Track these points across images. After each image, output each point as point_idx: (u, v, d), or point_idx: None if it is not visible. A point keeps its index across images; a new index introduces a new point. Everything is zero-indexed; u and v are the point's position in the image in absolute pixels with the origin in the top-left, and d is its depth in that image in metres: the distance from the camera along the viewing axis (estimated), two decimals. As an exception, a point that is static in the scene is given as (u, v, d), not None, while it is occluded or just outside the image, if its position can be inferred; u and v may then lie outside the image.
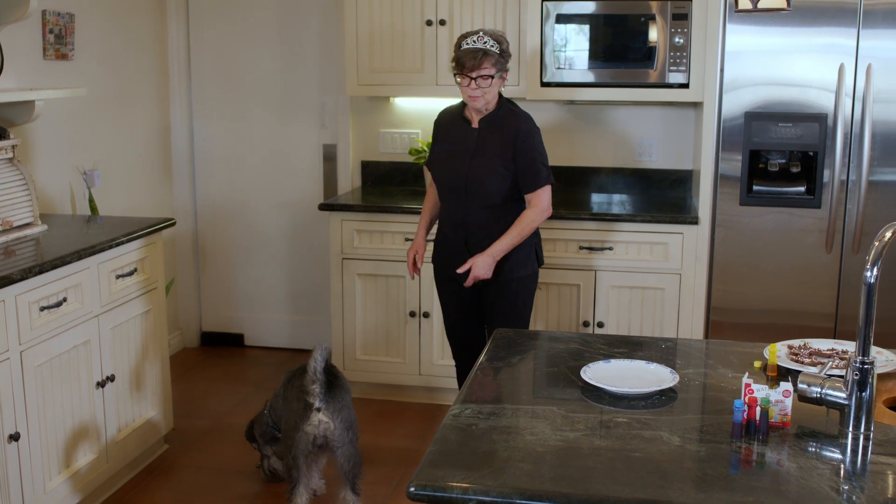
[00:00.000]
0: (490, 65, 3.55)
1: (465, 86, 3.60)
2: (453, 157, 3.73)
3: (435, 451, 1.85)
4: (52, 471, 3.38)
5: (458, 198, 3.71)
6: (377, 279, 4.69)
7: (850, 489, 1.71)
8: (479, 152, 3.67)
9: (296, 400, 3.50)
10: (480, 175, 3.65)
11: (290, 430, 3.49)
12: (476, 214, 3.70)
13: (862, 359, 1.92)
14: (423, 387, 4.77)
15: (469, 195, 3.68)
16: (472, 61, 3.54)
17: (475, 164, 3.66)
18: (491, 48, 3.56)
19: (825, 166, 4.14)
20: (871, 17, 4.01)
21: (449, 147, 3.78)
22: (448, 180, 3.74)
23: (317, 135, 5.41)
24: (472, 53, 3.55)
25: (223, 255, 5.65)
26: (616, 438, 1.91)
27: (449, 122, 3.83)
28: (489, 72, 3.56)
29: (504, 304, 3.76)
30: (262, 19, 5.35)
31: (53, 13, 4.23)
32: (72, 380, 3.47)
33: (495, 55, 3.57)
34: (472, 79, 3.57)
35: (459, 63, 3.59)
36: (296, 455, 3.45)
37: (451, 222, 3.78)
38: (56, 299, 3.34)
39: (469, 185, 3.67)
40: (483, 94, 3.59)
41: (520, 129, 3.67)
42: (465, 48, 3.58)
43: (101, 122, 4.73)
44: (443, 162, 3.79)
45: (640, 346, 2.53)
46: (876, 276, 1.89)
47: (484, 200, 3.67)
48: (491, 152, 3.65)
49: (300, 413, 3.45)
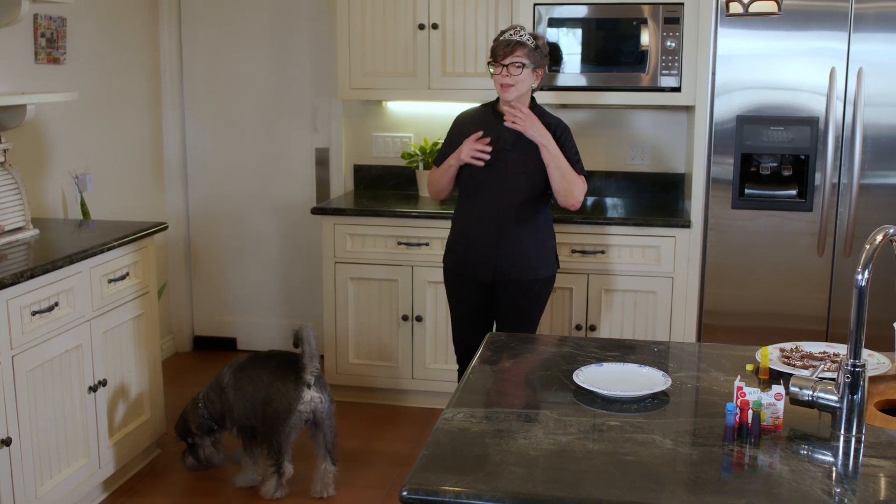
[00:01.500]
0: (522, 54, 3.58)
1: (496, 73, 3.62)
2: (490, 153, 3.68)
3: (428, 454, 1.85)
4: (44, 476, 3.37)
5: (494, 195, 3.69)
6: (370, 283, 4.68)
7: (841, 492, 1.71)
8: (517, 148, 3.66)
9: (273, 384, 3.68)
10: (521, 171, 3.67)
11: (279, 412, 3.65)
12: (510, 212, 3.69)
13: (853, 361, 1.92)
14: (415, 391, 4.76)
15: (506, 192, 3.67)
16: (505, 49, 3.58)
17: (514, 161, 3.67)
18: (525, 40, 3.60)
19: (817, 170, 4.15)
20: (862, 21, 4.03)
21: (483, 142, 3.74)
22: (484, 177, 3.70)
23: (309, 138, 5.40)
24: (506, 43, 3.60)
25: (215, 259, 5.64)
26: (608, 442, 1.91)
27: (476, 120, 3.80)
28: (521, 60, 3.58)
29: (522, 305, 3.80)
30: (254, 23, 5.35)
31: (45, 17, 4.22)
32: (63, 384, 3.46)
33: (528, 47, 3.59)
34: (504, 66, 3.59)
35: (493, 53, 3.64)
36: (288, 432, 3.67)
37: (481, 220, 3.73)
38: (48, 304, 3.33)
39: (509, 181, 3.67)
40: (515, 84, 3.60)
41: (558, 124, 3.71)
42: (500, 40, 3.63)
43: (93, 126, 4.72)
44: None
45: (633, 349, 2.53)
46: (867, 280, 1.90)
47: (519, 196, 3.68)
48: (529, 148, 3.65)
49: (289, 394, 3.65)
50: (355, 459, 4.21)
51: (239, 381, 3.80)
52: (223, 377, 3.85)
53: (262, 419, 3.72)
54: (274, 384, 3.69)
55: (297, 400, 3.66)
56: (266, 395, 3.71)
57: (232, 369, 3.85)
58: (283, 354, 3.83)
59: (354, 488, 3.93)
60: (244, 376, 3.80)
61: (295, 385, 3.67)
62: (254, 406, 3.75)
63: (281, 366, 3.74)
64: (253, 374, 3.77)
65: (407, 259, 4.61)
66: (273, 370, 3.73)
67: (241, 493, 3.88)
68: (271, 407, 3.68)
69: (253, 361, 3.83)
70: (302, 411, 3.67)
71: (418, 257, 4.60)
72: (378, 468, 4.13)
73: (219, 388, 3.85)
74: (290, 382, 3.67)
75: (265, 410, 3.70)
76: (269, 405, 3.69)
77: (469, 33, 4.69)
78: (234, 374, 3.82)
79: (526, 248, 3.73)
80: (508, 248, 3.69)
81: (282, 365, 3.74)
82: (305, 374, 3.65)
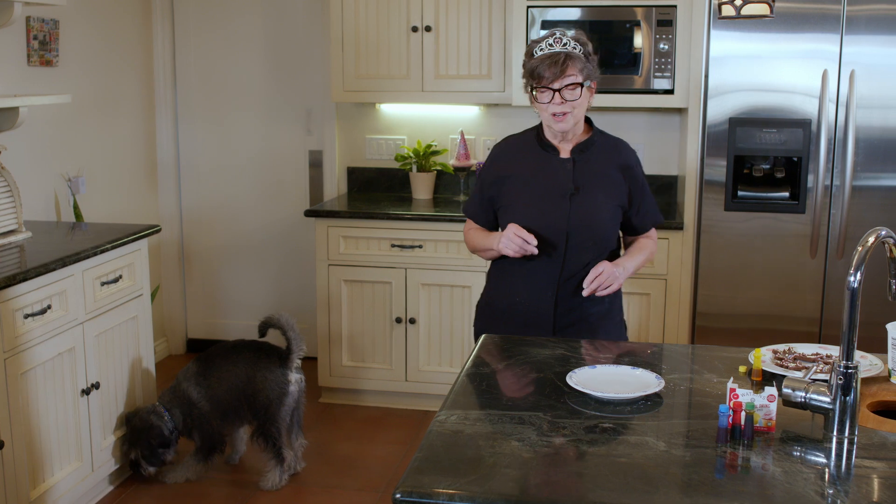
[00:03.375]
0: (576, 70, 2.76)
1: (545, 102, 2.79)
2: (544, 198, 2.87)
3: (421, 457, 1.85)
4: (37, 479, 3.36)
5: (555, 252, 2.86)
6: (363, 285, 4.68)
7: (834, 493, 1.71)
8: (581, 190, 2.86)
9: (256, 375, 3.81)
10: (587, 219, 2.85)
11: (272, 400, 3.81)
12: (573, 269, 2.85)
13: (846, 363, 1.93)
14: (409, 393, 4.76)
15: (569, 245, 2.85)
16: (553, 69, 2.74)
17: (578, 206, 2.85)
18: (574, 50, 2.78)
19: (809, 172, 4.16)
20: (854, 24, 4.04)
21: (531, 184, 2.90)
22: (540, 228, 2.84)
23: (302, 141, 5.40)
24: (552, 59, 2.75)
25: (209, 261, 5.63)
26: (602, 444, 1.91)
27: (522, 152, 2.97)
28: (576, 79, 2.76)
29: None
30: (247, 25, 5.35)
31: (38, 19, 4.22)
32: (56, 387, 3.45)
33: (580, 58, 2.78)
34: (556, 91, 2.77)
35: (536, 74, 2.78)
36: (283, 418, 3.85)
37: (534, 281, 2.89)
38: (41, 307, 3.32)
39: (572, 232, 2.84)
40: (572, 110, 2.79)
41: (629, 160, 2.95)
42: (539, 55, 2.78)
43: (86, 129, 4.71)
44: (530, 205, 2.89)
45: (626, 351, 2.54)
46: (859, 281, 1.90)
47: (585, 251, 2.86)
48: (595, 189, 2.88)
49: (279, 380, 3.83)
50: (349, 462, 4.21)
51: (208, 382, 3.84)
52: (185, 387, 3.87)
53: (253, 412, 3.82)
54: (258, 375, 3.81)
55: (287, 384, 3.84)
56: (251, 388, 3.81)
57: (193, 375, 3.87)
58: (250, 345, 3.94)
59: (348, 491, 3.92)
60: (213, 377, 3.85)
61: (282, 371, 3.84)
62: (234, 403, 3.83)
63: (258, 356, 3.86)
64: (224, 373, 3.84)
65: (400, 261, 4.61)
66: (250, 362, 3.83)
67: (234, 498, 3.87)
68: (261, 397, 3.79)
69: (216, 361, 3.88)
70: (292, 393, 3.85)
71: (412, 259, 4.60)
72: (371, 470, 4.12)
73: (183, 397, 3.86)
74: (276, 369, 3.84)
75: (254, 403, 3.80)
76: (257, 397, 3.80)
77: (462, 36, 4.70)
78: (198, 380, 3.85)
79: (594, 322, 2.92)
80: (569, 317, 2.90)
81: (258, 355, 3.87)
82: (293, 358, 3.85)
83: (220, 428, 3.89)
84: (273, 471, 3.89)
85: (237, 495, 3.88)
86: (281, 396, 3.82)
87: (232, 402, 3.84)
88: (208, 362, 3.90)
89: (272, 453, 3.86)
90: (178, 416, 3.86)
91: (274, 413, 3.81)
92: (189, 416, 3.85)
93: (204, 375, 3.86)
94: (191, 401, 3.84)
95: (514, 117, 5.00)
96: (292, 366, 3.87)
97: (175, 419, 3.86)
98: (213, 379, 3.85)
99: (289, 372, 3.85)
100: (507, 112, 5.00)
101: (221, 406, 3.84)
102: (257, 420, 3.83)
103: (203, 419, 3.84)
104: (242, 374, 3.83)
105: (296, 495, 3.88)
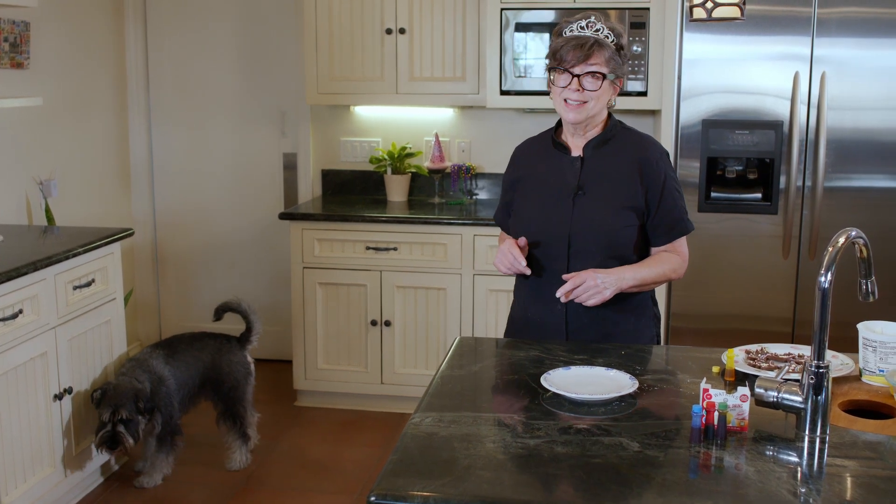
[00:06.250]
0: (602, 60, 2.53)
1: (561, 86, 2.56)
2: (547, 200, 2.66)
3: (396, 459, 1.85)
4: (9, 485, 3.33)
5: (557, 258, 2.63)
6: (338, 288, 4.67)
7: (807, 492, 1.73)
8: (587, 190, 2.63)
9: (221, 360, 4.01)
10: (591, 221, 2.61)
11: (239, 381, 4.04)
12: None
13: (817, 363, 1.94)
14: (385, 395, 4.75)
15: (573, 251, 2.62)
16: (578, 52, 2.52)
17: (582, 207, 2.62)
18: (605, 38, 2.55)
19: (781, 173, 4.20)
20: (825, 26, 4.07)
21: (539, 185, 2.70)
22: (541, 233, 2.64)
23: (277, 143, 5.38)
24: (578, 42, 2.52)
25: (182, 264, 5.60)
26: (576, 445, 1.91)
27: (537, 153, 2.77)
28: (600, 68, 2.53)
29: None
30: (220, 28, 5.33)
31: (8, 21, 4.18)
32: (28, 393, 3.42)
33: (610, 49, 2.55)
34: (576, 76, 2.54)
35: (558, 56, 2.55)
36: (248, 397, 4.09)
37: (541, 295, 2.66)
38: (12, 311, 3.29)
39: (574, 237, 2.61)
40: (588, 102, 2.57)
41: (648, 157, 2.65)
42: (567, 35, 2.56)
43: (58, 132, 4.68)
44: (533, 207, 2.69)
45: (600, 352, 2.55)
46: (830, 281, 1.92)
47: (591, 257, 2.60)
48: (603, 190, 2.63)
49: (242, 360, 4.07)
50: (324, 465, 4.20)
51: (176, 363, 3.92)
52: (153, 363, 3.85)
53: (222, 397, 4.01)
54: (223, 359, 4.03)
55: (250, 364, 4.11)
56: (217, 374, 4.00)
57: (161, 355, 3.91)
58: (210, 334, 4.13)
59: (323, 494, 3.92)
60: (179, 360, 3.94)
61: (242, 352, 4.10)
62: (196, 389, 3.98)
63: (220, 343, 4.06)
64: (189, 358, 3.97)
65: (375, 264, 4.60)
66: (213, 349, 4.04)
67: (211, 500, 3.85)
68: (229, 380, 4.01)
69: (180, 347, 3.99)
70: (252, 372, 4.11)
71: (387, 262, 4.59)
72: (347, 473, 4.11)
73: (152, 372, 3.83)
74: (238, 352, 4.09)
75: (221, 387, 4.00)
76: (225, 380, 4.00)
77: (437, 38, 4.70)
78: (166, 360, 3.91)
79: (612, 327, 2.69)
80: (581, 337, 2.68)
81: (220, 341, 4.07)
82: (252, 339, 4.12)
83: (179, 413, 3.93)
84: (239, 450, 4.08)
85: (214, 499, 3.86)
86: (247, 376, 4.07)
87: (195, 388, 3.97)
88: (172, 347, 3.99)
89: (237, 433, 4.05)
90: (149, 389, 3.82)
91: (242, 394, 4.04)
92: (157, 392, 3.81)
93: (172, 357, 3.94)
94: (160, 376, 3.85)
95: (488, 119, 5.01)
96: (248, 347, 4.13)
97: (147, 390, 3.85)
98: (179, 362, 3.94)
99: (246, 353, 4.12)
100: (482, 114, 5.01)
101: (185, 388, 3.93)
102: (223, 403, 4.01)
103: (168, 398, 3.85)
104: (208, 360, 4.00)
105: (271, 499, 3.86)
